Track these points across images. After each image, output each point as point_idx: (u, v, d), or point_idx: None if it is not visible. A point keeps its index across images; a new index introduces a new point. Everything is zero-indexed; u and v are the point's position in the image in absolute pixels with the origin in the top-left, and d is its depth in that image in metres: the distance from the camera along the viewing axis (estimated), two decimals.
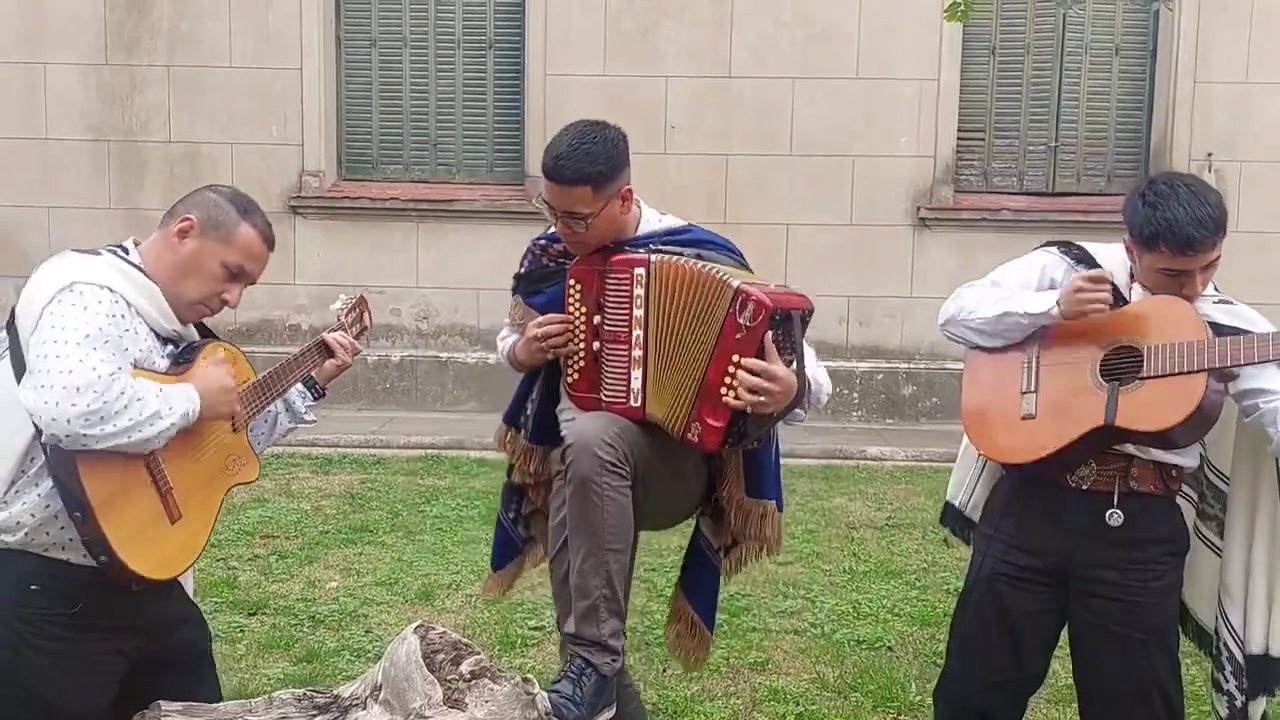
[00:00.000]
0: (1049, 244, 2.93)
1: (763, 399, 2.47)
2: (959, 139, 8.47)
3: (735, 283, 2.53)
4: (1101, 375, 2.65)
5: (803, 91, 8.38)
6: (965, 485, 3.05)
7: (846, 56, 8.34)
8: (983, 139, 8.59)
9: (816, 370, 2.66)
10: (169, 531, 2.27)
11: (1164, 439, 2.62)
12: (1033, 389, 2.71)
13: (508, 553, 3.11)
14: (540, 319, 2.78)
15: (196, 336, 2.49)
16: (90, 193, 8.44)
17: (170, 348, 2.39)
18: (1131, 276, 2.76)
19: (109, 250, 2.39)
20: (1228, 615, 2.77)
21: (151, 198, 8.16)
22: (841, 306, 8.45)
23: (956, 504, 3.08)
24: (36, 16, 8.41)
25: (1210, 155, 8.28)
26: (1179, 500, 2.80)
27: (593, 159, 2.61)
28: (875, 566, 5.28)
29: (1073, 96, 8.49)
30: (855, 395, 8.45)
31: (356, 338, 2.88)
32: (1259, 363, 2.51)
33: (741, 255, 2.82)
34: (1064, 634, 2.94)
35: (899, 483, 6.77)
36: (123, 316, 2.26)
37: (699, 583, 2.98)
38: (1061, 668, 3.66)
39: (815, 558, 5.38)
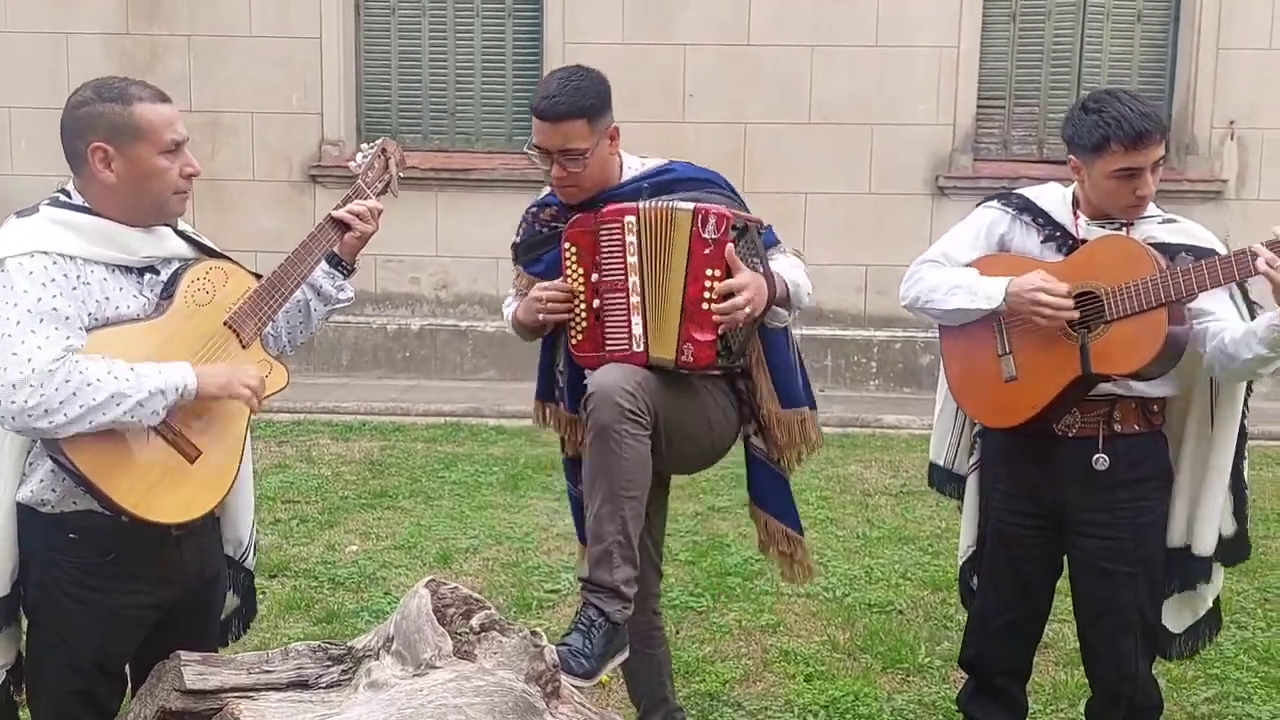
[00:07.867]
0: (989, 199, 3.00)
1: (741, 303, 2.57)
2: (979, 106, 8.42)
3: (691, 205, 2.64)
4: (1069, 324, 2.71)
5: (821, 59, 8.34)
6: (948, 443, 3.15)
7: (865, 24, 8.29)
8: (1002, 106, 8.54)
9: (795, 273, 2.80)
10: (190, 472, 2.25)
11: (1140, 376, 2.72)
12: (1008, 350, 2.80)
13: None
14: (541, 284, 2.84)
15: (178, 250, 2.35)
16: None
17: (150, 276, 2.31)
18: (1075, 213, 2.83)
19: (49, 201, 2.30)
20: None
21: None
22: (859, 275, 8.45)
23: (941, 463, 3.18)
24: None
25: (1233, 123, 8.20)
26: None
27: (583, 93, 2.72)
28: (889, 532, 5.32)
29: (1094, 63, 8.41)
30: (872, 364, 8.46)
31: (382, 193, 2.65)
32: (1210, 289, 2.60)
33: (732, 188, 2.90)
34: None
35: (915, 450, 6.76)
36: (65, 276, 2.15)
37: (772, 495, 3.03)
38: (1070, 631, 3.70)
39: (829, 523, 5.43)
